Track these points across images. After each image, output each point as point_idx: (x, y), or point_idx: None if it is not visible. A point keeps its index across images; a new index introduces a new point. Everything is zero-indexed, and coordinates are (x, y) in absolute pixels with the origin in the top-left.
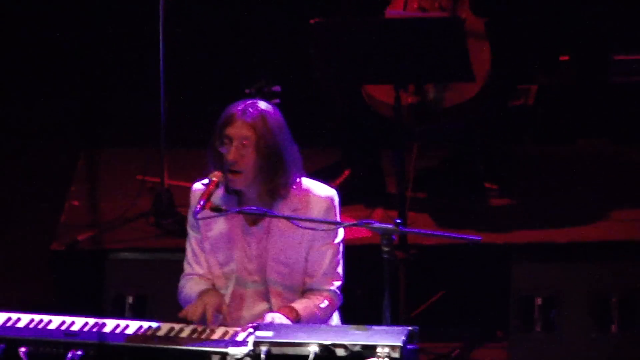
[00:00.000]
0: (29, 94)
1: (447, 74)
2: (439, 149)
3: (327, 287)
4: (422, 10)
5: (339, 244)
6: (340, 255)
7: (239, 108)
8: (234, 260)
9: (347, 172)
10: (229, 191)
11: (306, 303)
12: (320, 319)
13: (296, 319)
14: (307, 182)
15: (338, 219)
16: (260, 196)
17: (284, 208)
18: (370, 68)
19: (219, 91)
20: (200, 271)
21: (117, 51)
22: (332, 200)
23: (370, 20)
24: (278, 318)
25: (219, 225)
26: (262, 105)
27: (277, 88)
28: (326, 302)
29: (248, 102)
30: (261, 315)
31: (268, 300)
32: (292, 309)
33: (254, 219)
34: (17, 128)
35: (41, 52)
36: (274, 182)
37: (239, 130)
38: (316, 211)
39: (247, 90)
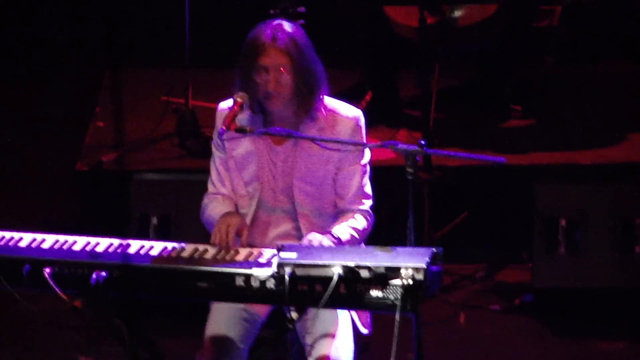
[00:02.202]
0: (54, 15)
1: None
2: (462, 69)
3: (359, 207)
4: None
5: (366, 165)
6: (368, 176)
7: (268, 34)
8: (259, 179)
9: (369, 94)
10: (256, 111)
11: (344, 227)
12: (358, 241)
13: (338, 244)
14: (332, 102)
15: (364, 140)
16: (289, 116)
17: (310, 128)
18: None
19: (244, 11)
20: (224, 191)
21: None
22: (358, 120)
23: None
24: (318, 239)
25: (245, 144)
26: (288, 27)
27: (301, 9)
28: (363, 222)
29: (274, 26)
30: (287, 236)
31: (295, 221)
32: (333, 235)
33: (280, 138)
34: (42, 49)
35: None
36: (308, 101)
37: (273, 59)
38: (342, 131)
39: (271, 11)
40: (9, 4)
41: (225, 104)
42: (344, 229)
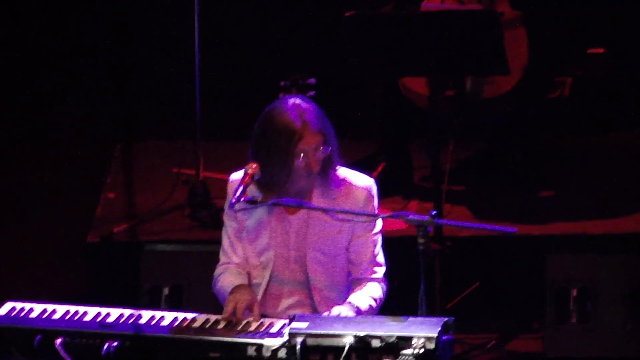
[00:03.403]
0: (66, 86)
1: (482, 67)
2: (475, 141)
3: (373, 275)
4: (459, 2)
5: (378, 233)
6: (380, 244)
7: (297, 120)
8: (271, 248)
9: (382, 165)
10: (282, 193)
11: (362, 296)
12: (374, 310)
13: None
14: (345, 172)
15: (376, 209)
16: (307, 188)
17: (323, 197)
18: (406, 61)
19: (254, 83)
20: (237, 260)
21: (152, 43)
22: (370, 190)
23: (405, 13)
24: (345, 311)
25: (257, 214)
26: (306, 105)
27: (312, 80)
28: (379, 291)
29: (295, 107)
30: (300, 305)
31: (307, 290)
32: (352, 305)
33: (293, 208)
34: (53, 121)
35: (76, 43)
36: (329, 172)
37: (311, 142)
38: (355, 201)
39: (282, 83)
40: (20, 74)
41: (237, 175)
42: (363, 298)
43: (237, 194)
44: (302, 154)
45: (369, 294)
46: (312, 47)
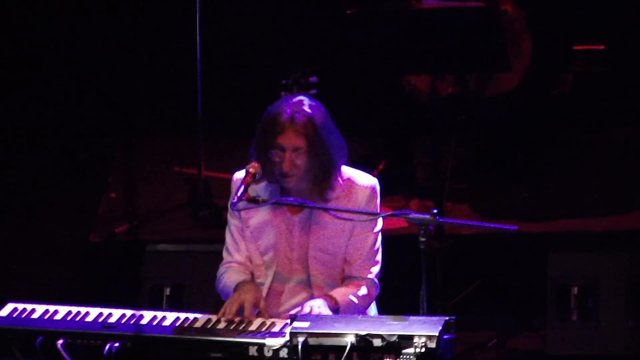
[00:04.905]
0: (66, 86)
1: (484, 65)
2: (476, 139)
3: (365, 275)
4: None
5: (377, 232)
6: (378, 244)
7: (287, 113)
8: (275, 248)
9: (383, 163)
10: (272, 181)
11: (345, 291)
12: (358, 308)
13: (335, 307)
14: (348, 171)
15: (379, 208)
16: (304, 189)
17: (325, 197)
18: (407, 58)
19: (256, 82)
20: (240, 259)
21: (154, 41)
22: (374, 189)
23: (406, 10)
24: (317, 307)
25: (261, 213)
26: (307, 106)
27: (313, 79)
28: (364, 290)
29: (294, 104)
30: (300, 304)
31: (309, 289)
32: (331, 298)
33: (297, 207)
34: (55, 121)
35: (77, 40)
36: (323, 181)
37: (291, 140)
38: (358, 200)
39: (283, 82)
40: (20, 72)
41: (241, 174)
42: (343, 293)
43: (239, 193)
44: (277, 149)
45: (353, 290)
46: (314, 44)
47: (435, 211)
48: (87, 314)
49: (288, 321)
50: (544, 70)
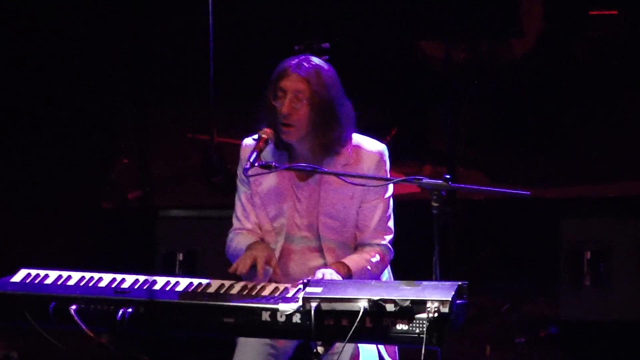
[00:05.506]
0: (81, 54)
1: (495, 30)
2: (489, 105)
3: (378, 242)
4: None
5: (389, 198)
6: (390, 210)
7: (294, 62)
8: (284, 214)
9: (394, 130)
10: (280, 147)
11: (357, 258)
12: (371, 274)
13: (347, 274)
14: (357, 137)
15: (388, 174)
16: (312, 151)
17: (335, 163)
18: (420, 24)
19: (268, 48)
20: (249, 226)
21: (166, 8)
22: (382, 154)
23: None
24: (329, 274)
25: (269, 180)
26: (316, 60)
27: (326, 45)
28: (378, 257)
29: (302, 57)
30: (313, 271)
31: (321, 256)
32: (343, 265)
33: (304, 174)
34: (69, 88)
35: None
36: (327, 137)
37: (293, 83)
38: (367, 166)
39: (296, 47)
40: (38, 47)
41: (250, 140)
42: (357, 260)
43: (251, 159)
44: (281, 92)
45: (366, 257)
46: (328, 10)
47: (447, 176)
48: (100, 279)
49: (301, 286)
50: (555, 37)
